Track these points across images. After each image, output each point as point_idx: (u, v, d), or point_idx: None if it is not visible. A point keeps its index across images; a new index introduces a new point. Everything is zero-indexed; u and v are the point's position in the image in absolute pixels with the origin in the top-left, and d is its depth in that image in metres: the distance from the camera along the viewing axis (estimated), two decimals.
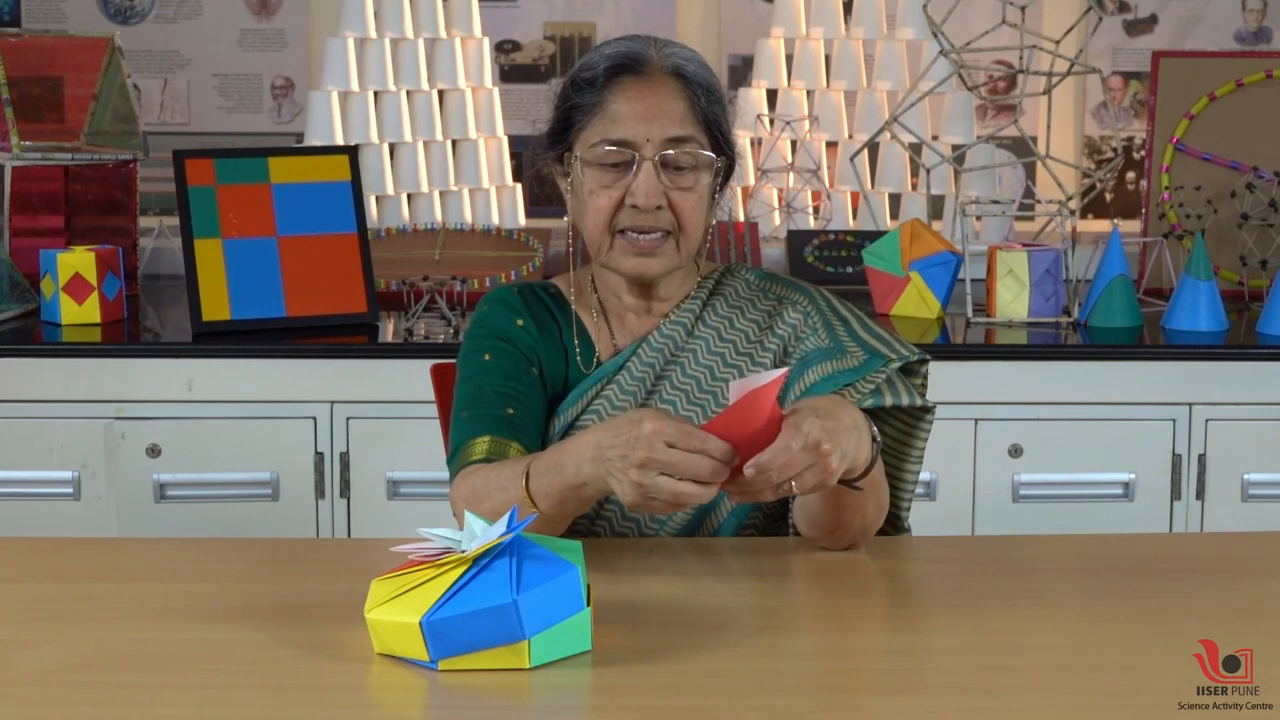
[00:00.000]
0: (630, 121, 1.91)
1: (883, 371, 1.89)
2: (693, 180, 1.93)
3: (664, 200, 1.91)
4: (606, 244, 1.95)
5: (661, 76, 1.94)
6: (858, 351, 1.92)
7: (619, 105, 1.92)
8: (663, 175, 1.91)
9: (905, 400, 1.88)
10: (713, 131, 1.95)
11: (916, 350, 1.94)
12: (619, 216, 1.93)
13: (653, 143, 1.91)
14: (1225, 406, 2.95)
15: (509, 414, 1.92)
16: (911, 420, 1.92)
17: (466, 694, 1.44)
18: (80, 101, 3.49)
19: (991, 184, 3.65)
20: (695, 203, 1.93)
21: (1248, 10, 3.88)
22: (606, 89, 1.93)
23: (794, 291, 2.04)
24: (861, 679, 1.51)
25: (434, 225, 3.52)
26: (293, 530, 2.89)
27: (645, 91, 1.92)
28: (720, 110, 1.97)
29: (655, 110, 1.91)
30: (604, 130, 1.92)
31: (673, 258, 1.95)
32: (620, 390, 1.99)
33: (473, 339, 2.01)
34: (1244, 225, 3.39)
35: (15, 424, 2.89)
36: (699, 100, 1.94)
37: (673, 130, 1.91)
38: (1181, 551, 1.98)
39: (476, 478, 1.83)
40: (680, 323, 2.01)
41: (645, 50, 1.96)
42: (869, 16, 3.71)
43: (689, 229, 1.94)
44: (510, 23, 3.90)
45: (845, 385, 1.88)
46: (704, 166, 1.94)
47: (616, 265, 1.96)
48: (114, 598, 1.70)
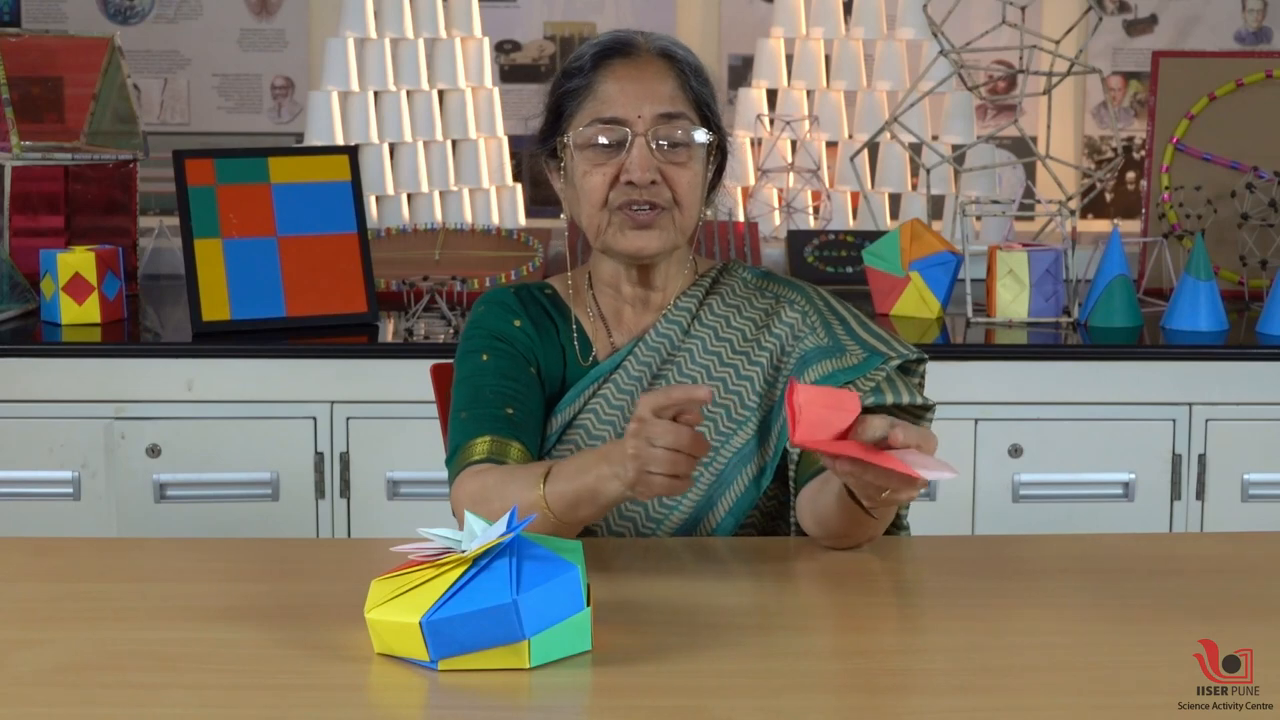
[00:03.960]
0: (620, 99, 1.93)
1: (882, 369, 1.90)
2: (685, 156, 1.94)
3: (658, 175, 1.92)
4: (604, 222, 1.95)
5: (649, 57, 1.96)
6: (857, 350, 1.93)
7: (608, 85, 1.94)
8: (656, 152, 1.93)
9: (906, 398, 1.88)
10: (703, 111, 1.97)
11: (915, 349, 1.94)
12: (614, 194, 1.93)
13: (644, 119, 1.92)
14: (1225, 406, 2.95)
15: (508, 414, 1.92)
16: (911, 419, 1.92)
17: (466, 694, 1.44)
18: (80, 101, 3.50)
19: (991, 184, 3.65)
20: (690, 178, 1.94)
21: (1248, 10, 3.88)
22: (595, 72, 1.95)
23: (791, 290, 2.04)
24: (862, 679, 1.51)
25: (434, 225, 3.52)
26: (293, 530, 2.89)
27: (634, 71, 1.95)
28: (709, 92, 1.99)
29: (645, 89, 1.93)
30: (595, 110, 1.94)
31: (670, 232, 1.95)
32: (618, 389, 1.99)
33: (469, 340, 2.01)
34: (1244, 225, 3.39)
35: (15, 424, 2.89)
36: (688, 79, 1.96)
37: (663, 107, 1.93)
38: (1181, 551, 1.98)
39: (488, 478, 1.83)
40: (677, 320, 2.01)
41: (632, 35, 1.99)
42: (869, 16, 3.72)
43: (685, 204, 1.95)
44: (510, 23, 3.90)
45: (845, 383, 1.89)
46: (695, 143, 1.95)
47: (615, 244, 1.96)
48: (114, 598, 1.70)
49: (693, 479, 1.91)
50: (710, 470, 1.95)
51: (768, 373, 1.98)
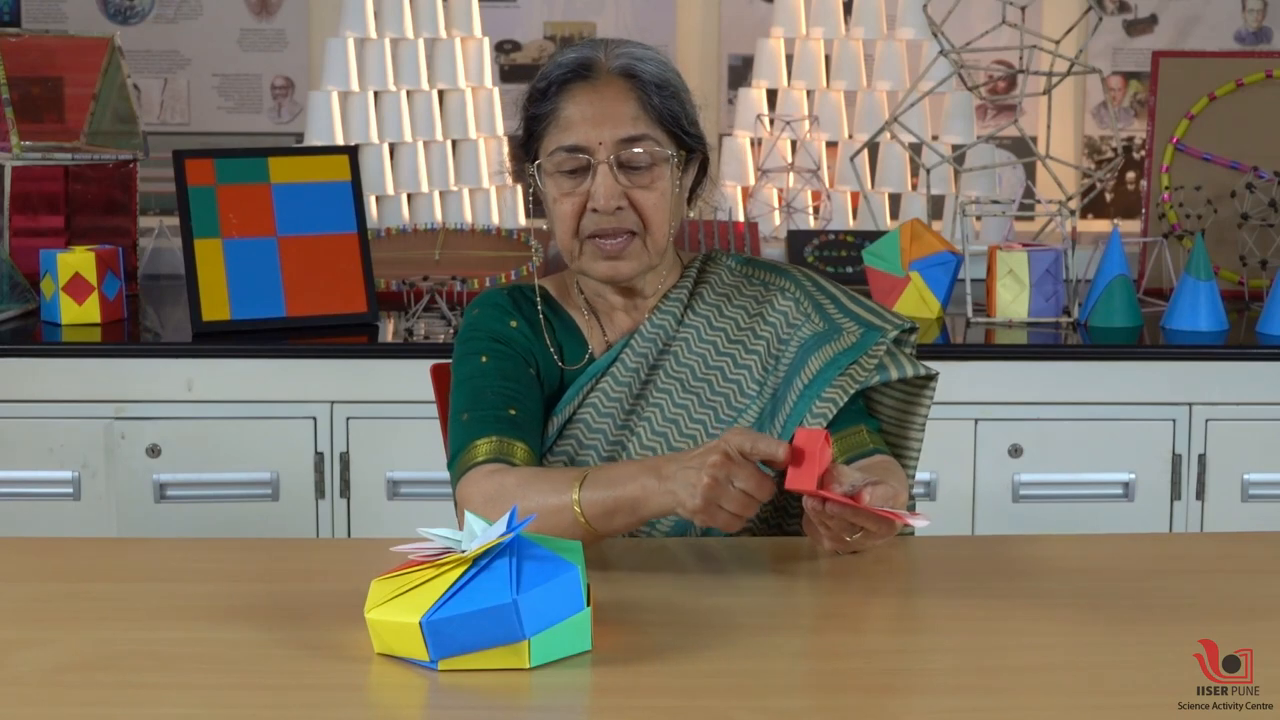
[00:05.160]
0: (581, 126, 1.93)
1: (882, 344, 1.95)
2: (650, 178, 1.94)
3: (624, 201, 1.93)
4: (576, 250, 1.97)
5: (609, 79, 1.95)
6: (853, 328, 1.97)
7: (570, 111, 1.94)
8: (620, 176, 1.93)
9: (910, 371, 1.96)
10: (669, 128, 1.96)
11: (907, 319, 2.00)
12: (584, 222, 1.95)
13: (605, 145, 1.93)
14: (1225, 406, 2.95)
15: (511, 414, 1.93)
16: (914, 390, 2.00)
17: (466, 694, 1.44)
18: (80, 101, 3.50)
19: (991, 184, 3.65)
20: (657, 200, 1.95)
21: (1248, 10, 3.88)
22: (559, 97, 1.95)
23: (779, 277, 2.06)
24: (861, 679, 1.51)
25: (434, 225, 3.52)
26: (293, 530, 2.89)
27: (594, 96, 1.94)
28: (677, 104, 1.97)
29: (604, 113, 1.93)
30: (558, 138, 1.94)
31: (642, 257, 1.97)
32: (615, 382, 2.00)
33: (467, 342, 2.01)
34: (1244, 225, 3.39)
35: (15, 424, 2.89)
36: (650, 98, 1.95)
37: (624, 131, 1.93)
38: (1181, 551, 1.98)
39: (506, 479, 1.83)
40: (670, 312, 2.03)
41: (594, 54, 1.97)
42: (869, 16, 3.71)
43: (654, 226, 1.95)
44: (510, 23, 3.90)
45: (849, 365, 1.94)
46: (661, 162, 1.95)
47: (589, 270, 1.98)
48: (114, 598, 1.70)
49: None
50: None
51: (765, 361, 2.00)
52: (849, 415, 1.95)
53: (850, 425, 1.95)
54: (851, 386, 1.94)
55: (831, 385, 1.93)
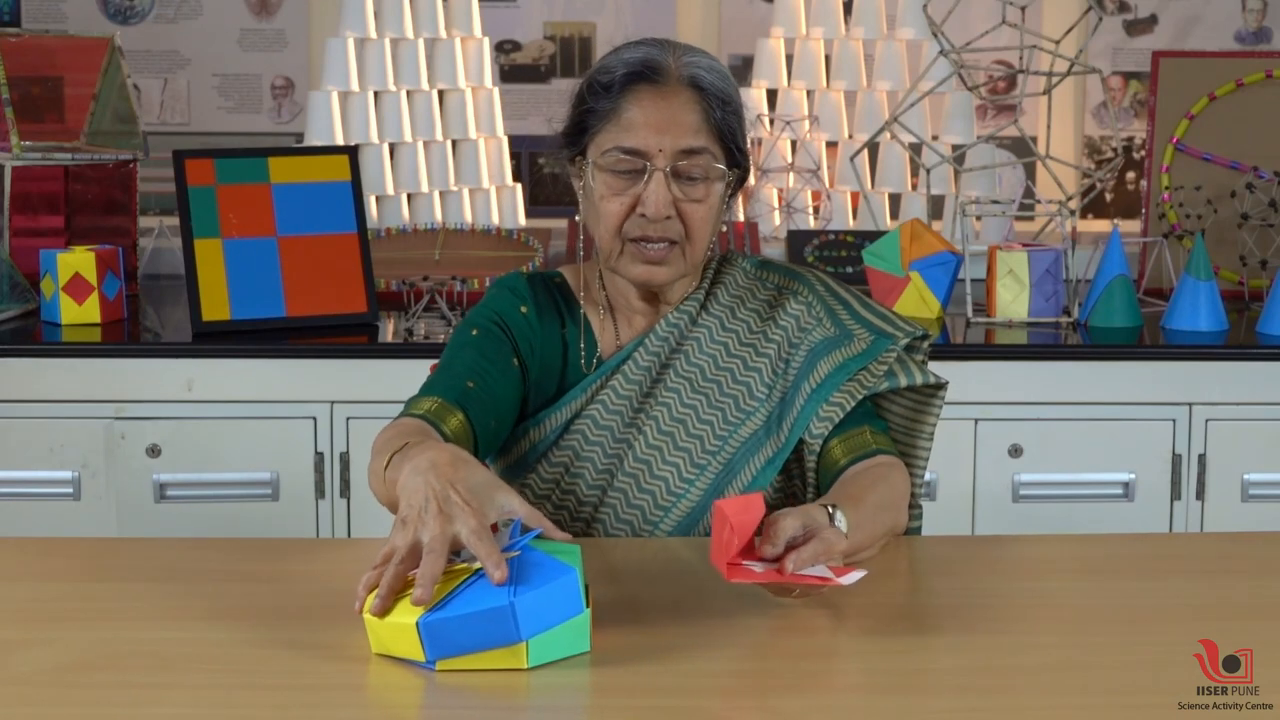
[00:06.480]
0: (644, 130, 1.90)
1: (893, 351, 1.95)
2: (703, 192, 1.93)
3: (673, 210, 1.91)
4: (617, 250, 1.95)
5: (678, 86, 1.92)
6: (864, 334, 1.96)
7: (633, 113, 1.91)
8: (674, 185, 1.91)
9: (919, 379, 1.96)
10: (726, 144, 1.94)
11: (919, 327, 1.99)
12: (628, 224, 1.93)
13: (665, 153, 1.90)
14: (1225, 406, 2.95)
15: (468, 386, 1.93)
16: (923, 398, 2.00)
17: (464, 694, 1.44)
18: (80, 101, 3.50)
19: (991, 184, 3.65)
20: (705, 213, 1.94)
21: (1248, 10, 3.88)
22: (622, 95, 1.92)
23: (793, 280, 2.06)
24: (861, 679, 1.51)
25: (434, 225, 3.52)
26: (293, 530, 2.89)
27: (660, 101, 1.91)
28: (736, 121, 1.96)
29: (669, 120, 1.90)
30: (617, 137, 1.92)
31: (679, 265, 1.96)
32: (626, 380, 2.00)
33: (473, 314, 2.04)
34: (1244, 225, 3.39)
35: (15, 424, 2.89)
36: (714, 112, 1.92)
37: (685, 142, 1.91)
38: (1181, 551, 1.98)
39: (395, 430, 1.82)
40: (685, 312, 2.03)
41: (663, 58, 1.94)
42: (869, 16, 3.71)
43: (696, 238, 1.94)
44: (510, 23, 3.90)
45: (858, 370, 1.94)
46: (715, 178, 1.93)
47: (625, 272, 1.97)
48: (114, 598, 1.70)
49: (700, 468, 1.92)
50: (718, 459, 1.97)
51: (775, 365, 2.00)
52: (855, 416, 1.96)
53: (855, 426, 1.95)
54: (859, 392, 1.94)
55: (839, 390, 1.94)
